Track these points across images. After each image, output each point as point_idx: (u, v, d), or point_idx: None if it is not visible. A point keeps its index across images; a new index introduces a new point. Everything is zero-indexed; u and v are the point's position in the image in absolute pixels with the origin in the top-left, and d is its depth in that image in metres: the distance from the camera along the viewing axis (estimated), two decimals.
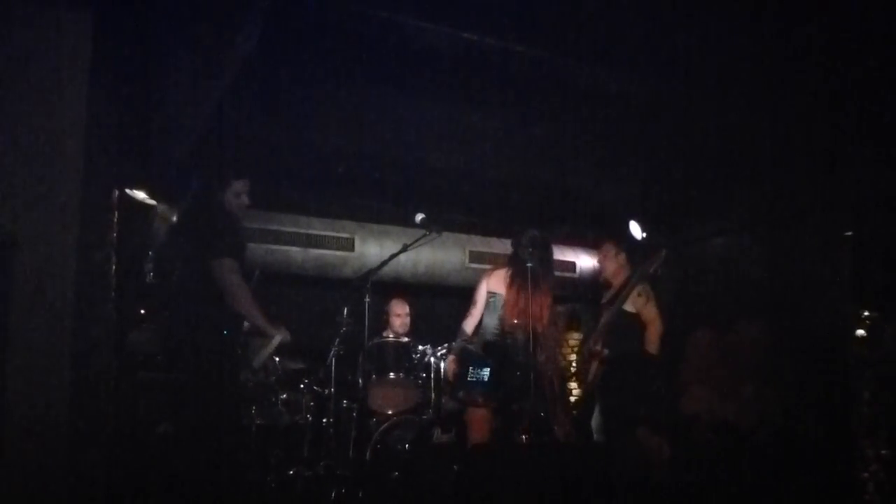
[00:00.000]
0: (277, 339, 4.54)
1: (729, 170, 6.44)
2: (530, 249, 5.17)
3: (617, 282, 5.78)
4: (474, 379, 5.10)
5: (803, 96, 5.20)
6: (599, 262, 6.15)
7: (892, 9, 4.25)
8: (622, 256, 5.87)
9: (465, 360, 5.17)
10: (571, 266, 8.14)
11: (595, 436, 5.68)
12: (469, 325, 5.35)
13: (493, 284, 5.34)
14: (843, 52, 4.68)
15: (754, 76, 5.04)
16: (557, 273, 7.81)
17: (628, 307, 5.58)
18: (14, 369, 3.35)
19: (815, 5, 4.33)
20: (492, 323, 5.30)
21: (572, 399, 8.02)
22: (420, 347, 5.99)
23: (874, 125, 5.29)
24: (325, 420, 5.81)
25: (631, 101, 5.46)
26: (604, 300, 5.91)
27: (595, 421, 5.71)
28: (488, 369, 5.11)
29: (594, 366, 5.64)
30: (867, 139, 5.46)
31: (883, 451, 5.21)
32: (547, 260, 5.37)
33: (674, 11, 4.43)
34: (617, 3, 4.45)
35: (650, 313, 5.59)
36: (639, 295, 5.54)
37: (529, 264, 5.08)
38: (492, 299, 5.31)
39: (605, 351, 5.55)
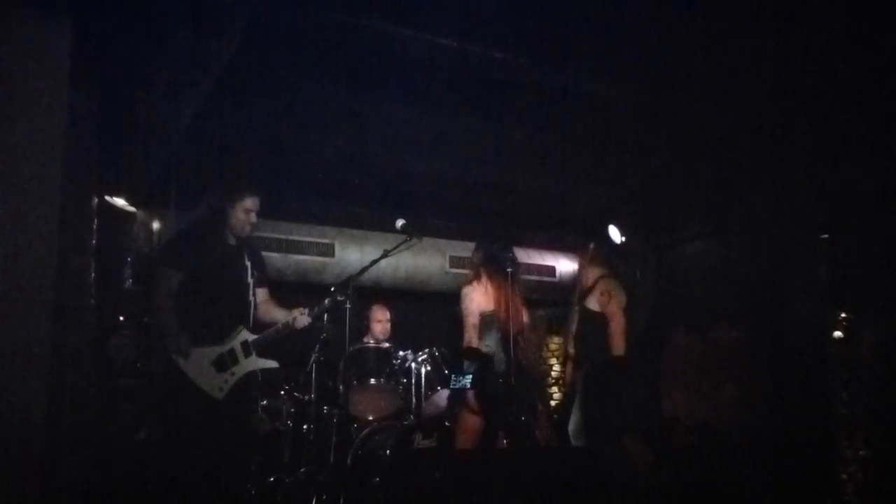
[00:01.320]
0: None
1: (707, 173, 6.49)
2: (510, 255, 5.18)
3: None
4: (456, 386, 5.10)
5: (780, 101, 5.24)
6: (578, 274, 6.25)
7: (867, 14, 4.31)
8: (589, 261, 5.90)
9: (446, 367, 5.17)
10: (552, 270, 8.13)
11: (572, 441, 5.67)
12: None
13: (484, 302, 5.16)
14: (820, 57, 4.73)
15: (732, 81, 5.07)
16: (538, 277, 7.88)
17: (593, 307, 5.61)
18: None
19: (789, 12, 4.38)
20: (489, 337, 5.18)
21: (553, 403, 8.06)
22: (401, 353, 5.97)
23: (850, 129, 5.35)
24: (305, 426, 5.78)
25: (610, 107, 5.48)
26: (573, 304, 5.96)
27: (572, 426, 5.70)
28: (470, 376, 5.10)
29: (569, 368, 5.67)
30: (842, 143, 5.53)
31: (861, 452, 5.27)
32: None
33: (651, 17, 4.46)
34: (595, 8, 4.48)
35: (612, 310, 5.56)
36: (601, 294, 5.57)
37: (510, 269, 5.09)
38: (488, 317, 5.15)
39: (571, 350, 5.60)
